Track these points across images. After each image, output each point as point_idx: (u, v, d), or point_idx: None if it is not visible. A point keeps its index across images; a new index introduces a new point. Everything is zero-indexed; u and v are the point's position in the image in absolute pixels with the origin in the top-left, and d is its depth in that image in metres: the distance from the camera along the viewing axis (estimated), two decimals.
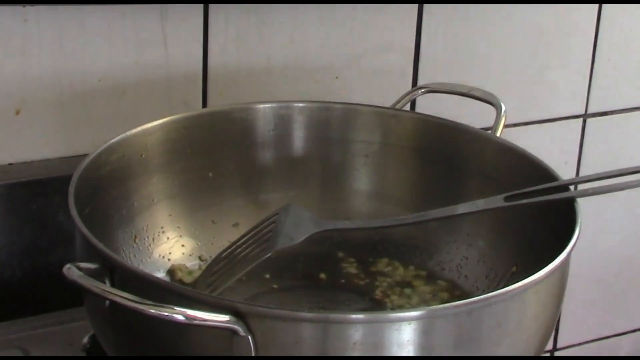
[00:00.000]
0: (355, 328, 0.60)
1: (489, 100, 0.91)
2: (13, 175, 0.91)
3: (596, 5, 1.19)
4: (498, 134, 0.88)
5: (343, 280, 0.87)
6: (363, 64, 1.06)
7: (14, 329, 0.85)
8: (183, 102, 0.98)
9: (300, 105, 0.91)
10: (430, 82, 1.00)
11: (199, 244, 0.88)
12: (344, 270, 0.88)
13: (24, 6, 0.89)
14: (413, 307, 0.82)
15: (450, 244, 0.88)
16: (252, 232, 0.82)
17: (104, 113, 0.95)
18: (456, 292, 0.85)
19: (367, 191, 0.92)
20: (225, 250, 0.82)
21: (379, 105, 0.94)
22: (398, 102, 0.95)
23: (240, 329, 0.59)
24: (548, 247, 0.72)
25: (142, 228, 0.84)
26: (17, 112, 0.93)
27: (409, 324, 0.61)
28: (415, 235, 0.89)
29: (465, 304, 0.63)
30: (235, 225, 0.89)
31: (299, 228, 0.80)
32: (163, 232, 0.86)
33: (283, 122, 0.91)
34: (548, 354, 1.34)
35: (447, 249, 0.89)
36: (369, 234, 0.89)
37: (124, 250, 0.81)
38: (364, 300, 0.84)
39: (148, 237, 0.84)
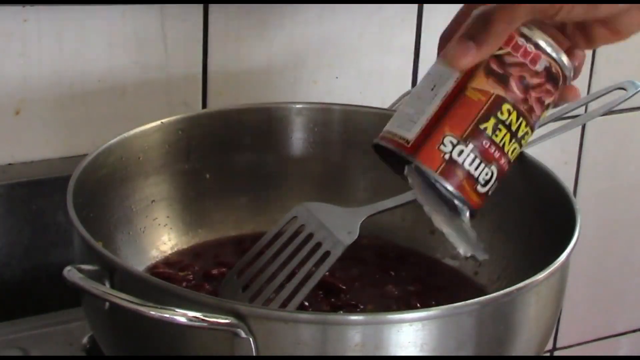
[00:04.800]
0: (356, 330, 0.60)
1: None
2: (13, 175, 0.91)
3: None
4: None
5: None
6: (363, 64, 1.06)
7: (14, 329, 0.85)
8: (183, 103, 0.98)
9: (299, 106, 0.91)
10: None
11: (198, 245, 0.88)
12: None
13: (23, 6, 0.89)
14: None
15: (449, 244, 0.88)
16: (285, 240, 0.76)
17: (104, 113, 0.95)
18: None
19: (366, 192, 0.92)
20: (261, 269, 0.76)
21: (377, 107, 0.94)
22: (396, 103, 0.95)
23: (241, 330, 0.59)
24: (548, 248, 0.72)
25: (140, 229, 0.84)
26: (17, 112, 0.92)
27: (410, 325, 0.61)
28: (415, 237, 0.89)
29: (465, 305, 0.63)
30: (234, 226, 0.89)
31: (343, 220, 0.77)
32: (161, 233, 0.86)
33: (281, 124, 0.90)
34: (548, 354, 1.34)
35: None
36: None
37: (122, 252, 0.81)
38: None
39: (146, 239, 0.84)
